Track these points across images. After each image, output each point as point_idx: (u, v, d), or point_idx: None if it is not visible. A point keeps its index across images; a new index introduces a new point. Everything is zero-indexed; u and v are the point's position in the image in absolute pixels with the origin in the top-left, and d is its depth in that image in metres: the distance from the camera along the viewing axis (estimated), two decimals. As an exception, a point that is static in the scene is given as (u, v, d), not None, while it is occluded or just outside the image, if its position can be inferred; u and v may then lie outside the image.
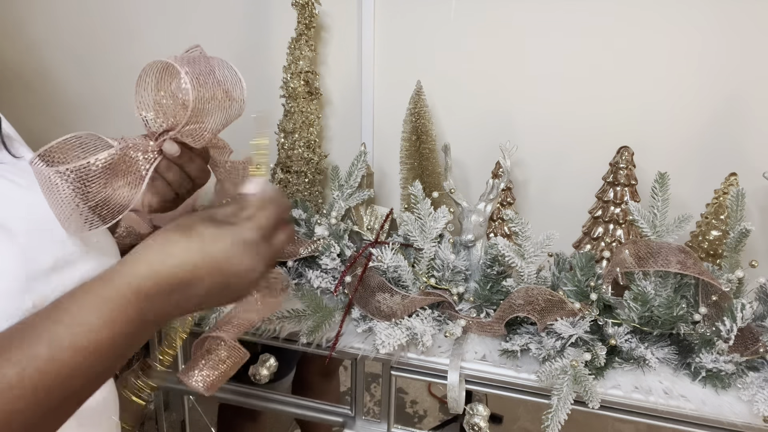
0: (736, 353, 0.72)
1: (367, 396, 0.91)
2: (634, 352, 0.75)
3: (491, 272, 0.83)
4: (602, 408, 0.74)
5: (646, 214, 0.80)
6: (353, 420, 0.92)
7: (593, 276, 0.79)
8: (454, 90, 1.02)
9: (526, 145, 0.99)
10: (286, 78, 1.00)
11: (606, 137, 0.95)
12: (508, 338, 0.80)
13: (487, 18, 0.96)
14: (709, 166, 0.93)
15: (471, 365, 0.79)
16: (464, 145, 1.03)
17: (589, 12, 0.91)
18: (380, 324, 0.81)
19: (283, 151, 1.03)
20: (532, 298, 0.77)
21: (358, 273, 0.86)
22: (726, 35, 0.87)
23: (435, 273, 0.86)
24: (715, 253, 0.87)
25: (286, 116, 1.02)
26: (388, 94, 1.05)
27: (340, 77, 1.07)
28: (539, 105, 0.99)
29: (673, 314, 0.74)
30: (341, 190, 0.97)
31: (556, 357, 0.74)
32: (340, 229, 0.93)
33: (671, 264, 0.73)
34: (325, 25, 1.03)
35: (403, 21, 1.00)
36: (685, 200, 0.91)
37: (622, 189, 0.89)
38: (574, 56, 0.94)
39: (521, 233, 0.80)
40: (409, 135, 0.98)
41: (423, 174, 1.00)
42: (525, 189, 1.05)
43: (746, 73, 0.88)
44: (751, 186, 0.86)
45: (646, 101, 0.94)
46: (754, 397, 0.70)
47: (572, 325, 0.75)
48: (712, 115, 0.92)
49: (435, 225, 0.86)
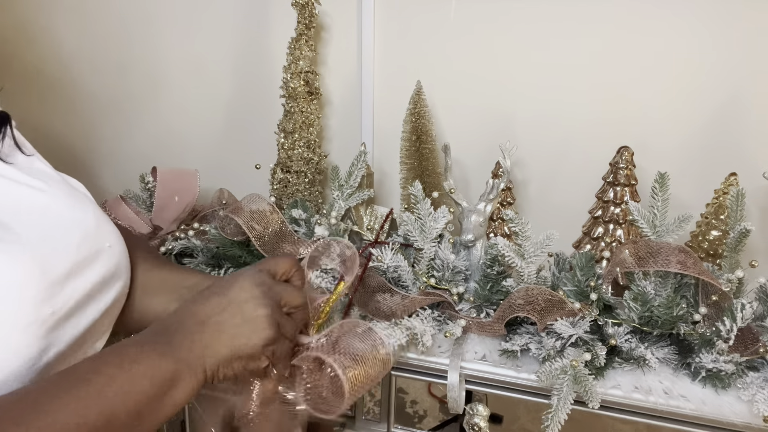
0: (736, 353, 0.72)
1: (367, 396, 0.91)
2: (634, 352, 0.75)
3: (491, 272, 0.83)
4: (602, 408, 0.74)
5: (646, 214, 0.80)
6: (353, 420, 0.92)
7: (593, 276, 0.79)
8: (454, 90, 1.02)
9: (526, 145, 0.99)
10: (286, 78, 1.00)
11: (606, 137, 0.95)
12: (508, 338, 0.80)
13: (487, 18, 0.96)
14: (709, 166, 0.93)
15: (471, 365, 0.79)
16: (464, 145, 1.03)
17: (589, 12, 0.91)
18: (380, 324, 0.81)
19: (283, 151, 1.03)
20: (532, 298, 0.77)
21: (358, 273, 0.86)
22: (726, 35, 0.87)
23: (435, 273, 0.86)
24: (715, 253, 0.87)
25: (286, 116, 1.02)
26: (388, 94, 1.05)
27: (340, 77, 1.07)
28: (539, 105, 0.99)
29: (673, 314, 0.74)
30: (341, 190, 0.97)
31: (556, 357, 0.74)
32: (340, 229, 0.93)
33: (671, 264, 0.73)
34: (325, 25, 1.03)
35: (404, 21, 1.00)
36: (685, 200, 0.91)
37: (622, 189, 0.89)
38: (574, 56, 0.94)
39: (521, 233, 0.80)
40: (409, 135, 0.98)
41: (423, 174, 1.00)
42: (525, 189, 1.05)
43: (746, 73, 0.89)
44: (751, 186, 0.86)
45: (646, 101, 0.94)
46: (754, 397, 0.70)
47: (572, 325, 0.75)
48: (712, 115, 0.92)
49: (435, 225, 0.86)
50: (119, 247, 0.60)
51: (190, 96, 1.17)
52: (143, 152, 1.24)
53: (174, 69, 1.15)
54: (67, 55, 1.20)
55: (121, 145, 1.26)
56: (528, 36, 0.95)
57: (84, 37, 1.17)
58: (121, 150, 1.26)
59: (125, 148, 1.26)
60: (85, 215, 0.57)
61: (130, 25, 1.14)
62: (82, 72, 1.21)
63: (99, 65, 1.19)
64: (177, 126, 1.20)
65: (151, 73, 1.17)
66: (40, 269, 0.48)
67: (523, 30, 0.95)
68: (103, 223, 0.59)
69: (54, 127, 1.28)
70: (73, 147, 1.28)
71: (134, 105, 1.21)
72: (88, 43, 1.18)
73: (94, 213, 0.58)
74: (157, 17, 1.12)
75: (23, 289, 0.47)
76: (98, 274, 0.55)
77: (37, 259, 0.49)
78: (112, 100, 1.22)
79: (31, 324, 0.46)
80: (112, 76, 1.19)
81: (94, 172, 1.30)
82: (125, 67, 1.18)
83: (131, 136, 1.24)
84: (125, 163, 1.26)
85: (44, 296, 0.48)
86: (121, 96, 1.21)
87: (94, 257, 0.55)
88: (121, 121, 1.24)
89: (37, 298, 0.47)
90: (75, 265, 0.52)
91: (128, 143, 1.25)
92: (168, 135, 1.22)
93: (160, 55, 1.15)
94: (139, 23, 1.13)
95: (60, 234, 0.52)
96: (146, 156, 1.23)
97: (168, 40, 1.13)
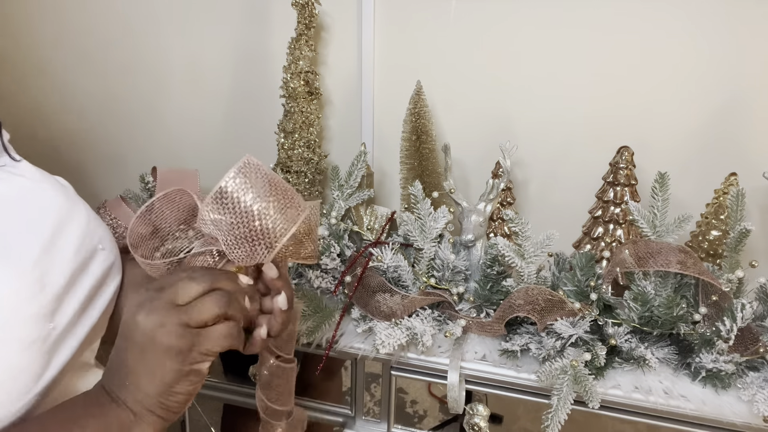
0: (736, 353, 0.72)
1: (367, 396, 0.91)
2: (634, 352, 0.75)
3: (491, 272, 0.83)
4: (602, 408, 0.74)
5: (646, 214, 0.80)
6: (353, 420, 0.92)
7: (593, 276, 0.79)
8: (454, 90, 1.02)
9: (526, 145, 0.99)
10: (286, 78, 1.00)
11: (606, 137, 0.95)
12: (508, 338, 0.80)
13: (488, 18, 0.96)
14: (709, 166, 0.93)
15: (471, 365, 0.79)
16: (464, 145, 1.03)
17: (589, 12, 0.91)
18: (380, 324, 0.81)
19: (283, 151, 1.03)
20: (532, 298, 0.77)
21: (357, 273, 0.86)
22: (726, 35, 0.87)
23: (435, 273, 0.86)
24: (715, 253, 0.87)
25: (286, 116, 1.02)
26: (388, 94, 1.05)
27: (340, 77, 1.07)
28: (539, 105, 0.99)
29: (673, 314, 0.74)
30: (341, 190, 0.97)
31: (556, 357, 0.74)
32: (340, 230, 0.93)
33: (671, 264, 0.73)
34: (325, 25, 1.03)
35: (403, 21, 1.00)
36: (685, 200, 0.91)
37: (622, 189, 0.89)
38: (574, 56, 0.94)
39: (521, 233, 0.80)
40: (409, 135, 0.98)
41: (423, 174, 1.00)
42: (525, 189, 1.05)
43: (746, 73, 0.88)
44: (751, 186, 0.86)
45: (646, 101, 0.94)
46: (754, 397, 0.70)
47: (572, 325, 0.75)
48: (712, 115, 0.92)
49: (435, 225, 0.86)
50: (112, 249, 0.60)
51: (190, 96, 1.17)
52: (143, 152, 1.24)
53: (174, 69, 1.15)
54: (68, 55, 1.20)
55: (121, 145, 1.26)
56: (528, 36, 0.95)
57: (85, 37, 1.17)
58: (121, 150, 1.26)
59: (125, 148, 1.26)
60: (79, 217, 0.56)
61: (130, 25, 1.14)
62: (83, 72, 1.21)
63: (100, 65, 1.19)
64: (177, 126, 1.20)
65: (151, 72, 1.17)
66: (41, 285, 0.48)
67: (523, 30, 0.95)
68: (95, 225, 0.59)
69: (55, 127, 1.28)
70: (74, 147, 1.29)
71: (134, 105, 1.21)
72: (89, 43, 1.18)
73: (87, 215, 0.58)
74: (158, 17, 1.12)
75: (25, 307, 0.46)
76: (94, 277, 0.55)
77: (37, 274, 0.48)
78: (113, 99, 1.22)
79: (34, 342, 0.46)
80: (113, 76, 1.19)
81: (94, 172, 1.30)
82: (126, 67, 1.18)
83: (131, 137, 1.24)
84: (125, 163, 1.26)
85: (46, 312, 0.48)
86: (122, 96, 1.21)
87: (89, 261, 0.55)
88: (121, 121, 1.23)
89: (39, 315, 0.47)
90: (72, 275, 0.52)
91: (128, 143, 1.25)
92: (168, 135, 1.22)
93: (160, 55, 1.15)
94: (139, 23, 1.13)
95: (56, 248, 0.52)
96: (146, 156, 1.23)
97: (168, 39, 1.13)
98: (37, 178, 0.56)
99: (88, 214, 0.58)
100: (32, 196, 0.54)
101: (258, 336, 0.53)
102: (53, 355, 0.49)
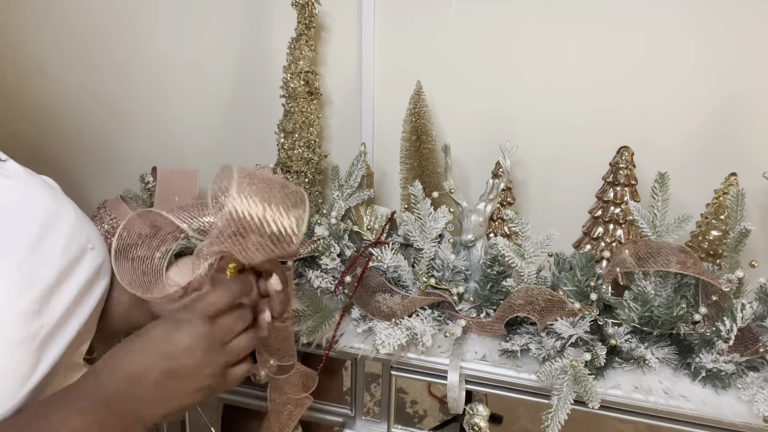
0: (736, 353, 0.72)
1: (367, 396, 0.91)
2: (634, 352, 0.75)
3: (491, 272, 0.83)
4: (602, 408, 0.74)
5: (646, 214, 0.80)
6: (353, 420, 0.92)
7: (593, 276, 0.79)
8: (454, 90, 1.02)
9: (526, 145, 0.99)
10: (286, 78, 1.00)
11: (606, 137, 0.95)
12: (508, 338, 0.80)
13: (488, 18, 0.96)
14: (709, 166, 0.93)
15: (471, 365, 0.79)
16: (464, 145, 1.03)
17: (589, 13, 0.91)
18: (380, 324, 0.81)
19: (283, 151, 1.03)
20: (532, 298, 0.77)
21: (357, 273, 0.86)
22: (726, 35, 0.87)
23: (435, 273, 0.86)
24: (715, 253, 0.87)
25: (286, 116, 1.02)
26: (388, 94, 1.05)
27: (340, 77, 1.07)
28: (539, 105, 0.99)
29: (673, 314, 0.74)
30: (341, 190, 0.97)
31: (556, 357, 0.74)
32: (340, 229, 0.93)
33: (671, 264, 0.73)
34: (325, 25, 1.03)
35: (403, 21, 1.00)
36: (685, 200, 0.91)
37: (622, 189, 0.89)
38: (574, 56, 0.94)
39: (521, 233, 0.80)
40: (409, 135, 0.98)
41: (423, 174, 1.00)
42: (525, 189, 1.05)
43: (746, 73, 0.88)
44: (751, 186, 0.86)
45: (646, 101, 0.94)
46: (754, 397, 0.70)
47: (572, 325, 0.75)
48: (712, 115, 0.92)
49: (435, 225, 0.86)
50: (101, 248, 0.60)
51: (190, 96, 1.17)
52: (143, 152, 1.24)
53: (174, 69, 1.15)
54: (68, 55, 1.20)
55: (121, 145, 1.26)
56: (527, 37, 0.95)
57: (85, 37, 1.17)
58: (121, 150, 1.26)
59: (125, 148, 1.26)
60: (67, 217, 0.56)
61: (130, 25, 1.14)
62: (83, 72, 1.21)
63: (100, 65, 1.19)
64: (177, 126, 1.20)
65: (151, 72, 1.17)
66: (28, 283, 0.48)
67: (523, 30, 0.95)
68: (84, 224, 0.58)
69: (55, 127, 1.28)
70: (74, 147, 1.28)
71: (134, 105, 1.21)
72: (89, 43, 1.18)
73: (75, 214, 0.58)
74: (158, 17, 1.12)
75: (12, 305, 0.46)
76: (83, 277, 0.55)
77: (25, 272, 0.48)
78: (113, 99, 1.22)
79: (23, 341, 0.46)
80: (113, 76, 1.19)
81: (94, 171, 1.30)
82: (126, 67, 1.18)
83: (131, 136, 1.24)
84: (125, 163, 1.26)
85: (33, 310, 0.48)
86: (122, 96, 1.21)
87: (78, 260, 0.55)
88: (121, 121, 1.23)
89: (27, 313, 0.47)
90: (61, 273, 0.52)
91: (128, 143, 1.25)
92: (168, 135, 1.22)
93: (160, 55, 1.15)
94: (139, 23, 1.13)
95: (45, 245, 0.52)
96: (146, 156, 1.23)
97: (168, 39, 1.13)
98: (24, 177, 0.56)
99: (76, 213, 0.58)
100: (19, 196, 0.53)
101: (263, 321, 0.55)
102: (42, 354, 0.48)
